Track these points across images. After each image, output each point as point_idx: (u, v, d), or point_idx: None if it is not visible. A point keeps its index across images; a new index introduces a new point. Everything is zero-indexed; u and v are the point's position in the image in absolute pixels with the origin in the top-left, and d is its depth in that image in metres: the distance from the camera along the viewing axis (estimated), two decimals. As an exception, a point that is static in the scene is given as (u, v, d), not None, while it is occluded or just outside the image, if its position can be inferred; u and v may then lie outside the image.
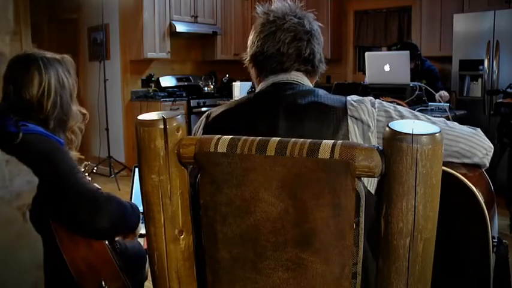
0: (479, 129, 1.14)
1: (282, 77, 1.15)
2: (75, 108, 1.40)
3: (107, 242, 1.35)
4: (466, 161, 1.11)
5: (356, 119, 1.03)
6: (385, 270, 0.75)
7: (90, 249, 1.30)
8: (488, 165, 1.14)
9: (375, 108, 1.06)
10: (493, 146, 1.14)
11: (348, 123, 1.03)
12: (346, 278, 0.80)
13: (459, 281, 1.14)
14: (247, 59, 1.21)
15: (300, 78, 1.16)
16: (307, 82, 1.18)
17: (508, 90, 3.54)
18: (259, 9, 1.18)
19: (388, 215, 0.72)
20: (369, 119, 1.04)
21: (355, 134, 1.02)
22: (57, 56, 1.38)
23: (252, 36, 1.19)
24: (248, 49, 1.20)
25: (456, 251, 1.11)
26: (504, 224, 3.29)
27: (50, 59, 1.34)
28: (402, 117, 1.07)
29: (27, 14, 5.00)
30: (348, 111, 1.04)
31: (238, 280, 0.87)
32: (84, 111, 1.47)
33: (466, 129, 1.12)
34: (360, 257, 0.81)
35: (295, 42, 1.13)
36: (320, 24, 1.21)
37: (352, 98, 1.08)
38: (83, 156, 1.67)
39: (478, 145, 1.10)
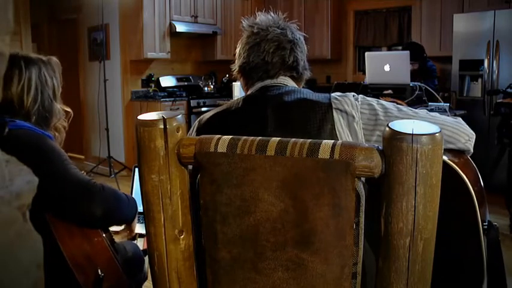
0: (460, 118, 1.20)
1: (269, 82, 1.21)
2: (59, 106, 1.42)
3: (104, 235, 1.36)
4: (450, 146, 1.15)
5: (340, 110, 1.09)
6: (385, 270, 0.75)
7: (87, 239, 1.31)
8: (472, 150, 1.18)
9: (358, 102, 1.12)
10: (474, 133, 1.18)
11: (333, 115, 1.08)
12: (346, 278, 0.80)
13: (452, 264, 1.14)
14: (235, 70, 1.28)
15: (286, 81, 1.22)
16: (292, 84, 1.23)
17: (508, 90, 3.54)
18: (245, 22, 1.25)
19: (388, 215, 0.72)
20: (352, 110, 1.09)
21: (340, 125, 1.08)
22: (43, 57, 1.41)
23: (238, 49, 1.26)
24: (236, 60, 1.27)
25: (447, 235, 1.12)
26: (504, 224, 3.29)
27: (32, 58, 1.37)
28: (385, 109, 1.11)
29: (27, 14, 5.00)
30: (333, 105, 1.10)
31: (238, 280, 0.87)
32: (68, 109, 1.48)
33: (447, 118, 1.18)
34: (360, 257, 0.81)
35: (279, 51, 1.20)
36: (304, 34, 1.28)
37: (336, 94, 1.14)
38: (82, 157, 1.67)
39: (460, 131, 1.15)
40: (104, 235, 1.36)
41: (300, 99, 1.12)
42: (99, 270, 1.27)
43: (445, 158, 1.09)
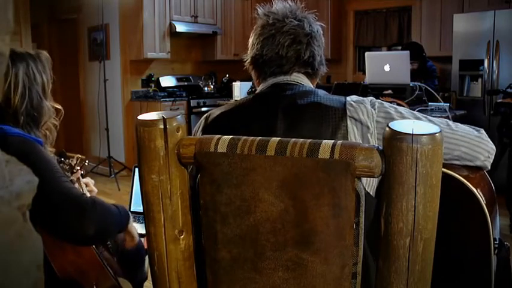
0: (482, 130, 1.12)
1: (282, 78, 1.14)
2: (48, 103, 1.34)
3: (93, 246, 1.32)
4: (468, 163, 1.09)
5: (355, 119, 1.03)
6: (385, 270, 0.75)
7: (78, 253, 1.26)
8: (489, 167, 1.12)
9: (374, 109, 1.05)
10: (495, 148, 1.11)
11: (347, 123, 1.02)
12: (346, 278, 0.80)
13: (460, 283, 1.13)
14: (247, 61, 1.20)
15: (300, 79, 1.15)
16: (307, 83, 1.17)
17: (508, 90, 3.54)
18: (260, 10, 1.17)
19: (388, 215, 0.72)
20: (368, 120, 1.03)
21: (354, 135, 1.02)
22: (32, 52, 1.33)
23: (252, 38, 1.18)
24: (248, 50, 1.19)
25: (457, 253, 1.11)
26: (504, 224, 3.29)
27: (19, 53, 1.29)
28: (403, 118, 1.05)
29: (27, 14, 5.00)
30: (347, 112, 1.03)
31: (238, 280, 0.87)
32: (59, 106, 1.40)
33: (468, 130, 1.10)
34: (360, 257, 0.81)
35: (294, 45, 1.13)
36: (322, 24, 1.20)
37: (352, 99, 1.07)
38: (83, 156, 1.66)
39: (480, 148, 1.08)
40: (93, 246, 1.32)
41: (314, 103, 1.05)
42: (95, 286, 1.24)
43: (459, 176, 1.05)
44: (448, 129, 1.08)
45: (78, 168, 1.53)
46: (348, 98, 1.07)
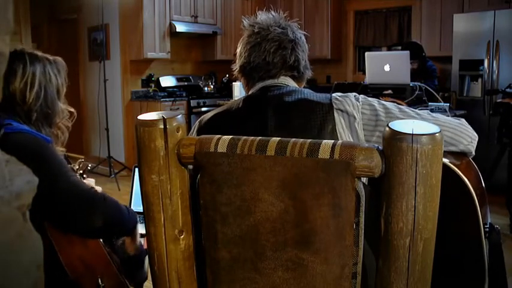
0: (463, 119, 1.18)
1: (270, 82, 1.20)
2: (62, 105, 1.40)
3: (101, 240, 1.34)
4: (452, 148, 1.14)
5: (341, 111, 1.09)
6: (385, 270, 0.75)
7: (86, 248, 1.29)
8: (474, 153, 1.17)
9: (359, 102, 1.11)
10: (477, 135, 1.17)
11: (334, 116, 1.08)
12: (346, 278, 0.80)
13: (454, 268, 1.14)
14: (236, 70, 1.27)
15: (286, 81, 1.21)
16: (293, 84, 1.23)
17: (508, 90, 3.54)
18: (246, 22, 1.24)
19: (388, 215, 0.72)
20: (354, 111, 1.09)
21: (341, 126, 1.08)
22: (49, 56, 1.39)
23: (239, 48, 1.24)
24: (237, 60, 1.26)
25: (448, 239, 1.11)
26: (504, 224, 3.29)
27: (38, 55, 1.35)
28: (386, 109, 1.11)
29: (27, 14, 5.01)
30: (334, 105, 1.09)
31: (238, 280, 0.87)
32: (72, 109, 1.46)
33: (450, 119, 1.17)
34: (360, 257, 0.81)
35: (280, 50, 1.19)
36: (305, 32, 1.27)
37: (337, 94, 1.13)
38: (82, 157, 1.67)
39: (462, 133, 1.14)
40: (101, 240, 1.34)
41: (301, 100, 1.11)
42: (100, 280, 1.25)
43: (446, 161, 1.08)
44: (430, 117, 1.15)
45: (81, 172, 1.54)
46: (334, 94, 1.13)
